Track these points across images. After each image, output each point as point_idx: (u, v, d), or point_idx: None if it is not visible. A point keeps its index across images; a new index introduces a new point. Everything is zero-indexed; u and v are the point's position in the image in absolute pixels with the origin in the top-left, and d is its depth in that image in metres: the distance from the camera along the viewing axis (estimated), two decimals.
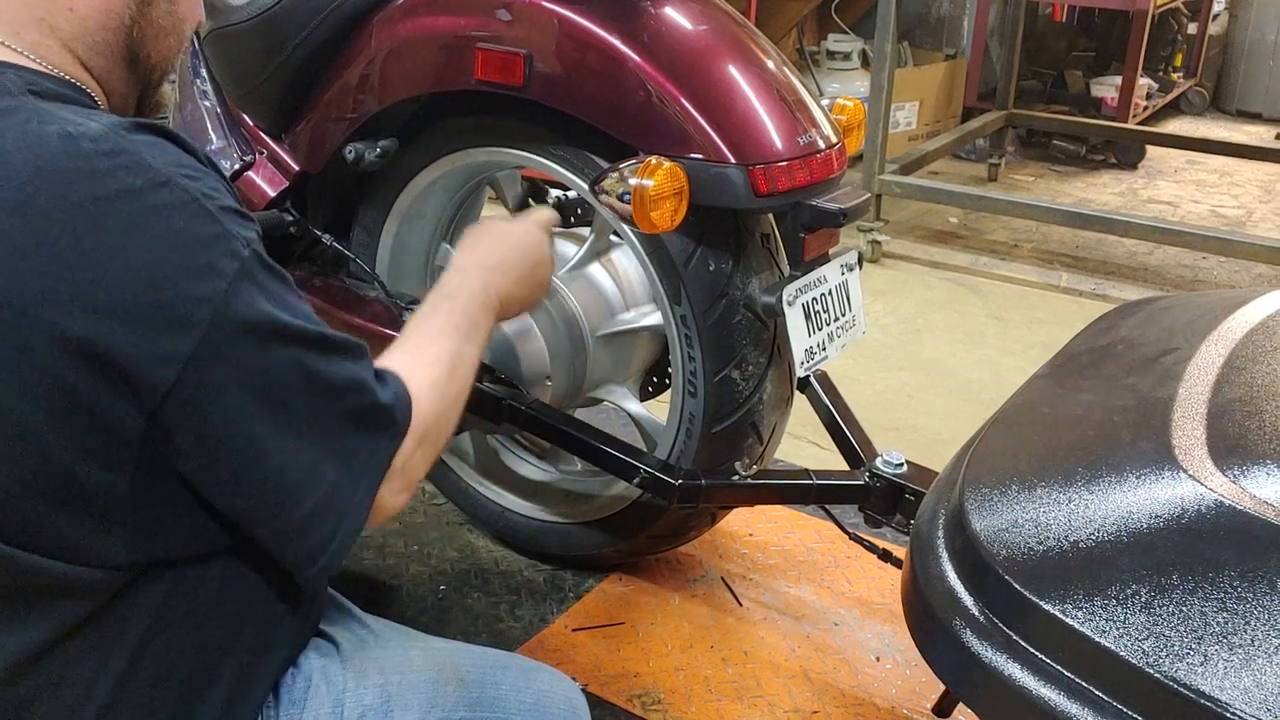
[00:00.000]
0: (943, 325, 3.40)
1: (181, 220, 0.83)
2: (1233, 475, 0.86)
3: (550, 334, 1.79)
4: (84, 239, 0.80)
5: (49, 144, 0.82)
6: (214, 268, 0.83)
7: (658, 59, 1.51)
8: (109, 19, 0.94)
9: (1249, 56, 6.55)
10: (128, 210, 0.81)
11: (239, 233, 0.86)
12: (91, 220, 0.80)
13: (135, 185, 0.82)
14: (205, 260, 0.83)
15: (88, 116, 0.85)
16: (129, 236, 0.81)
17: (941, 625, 0.92)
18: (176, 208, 0.83)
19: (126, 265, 0.80)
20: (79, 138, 0.82)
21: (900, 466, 1.61)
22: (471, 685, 1.11)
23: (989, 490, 0.97)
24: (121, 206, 0.81)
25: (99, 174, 0.81)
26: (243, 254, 0.85)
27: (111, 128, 0.84)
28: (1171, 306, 1.29)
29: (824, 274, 1.65)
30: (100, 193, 0.81)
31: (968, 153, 5.38)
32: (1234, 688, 0.75)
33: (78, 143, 0.82)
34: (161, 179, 0.83)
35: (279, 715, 1.02)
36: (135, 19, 0.95)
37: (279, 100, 1.91)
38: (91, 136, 0.83)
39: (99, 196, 0.81)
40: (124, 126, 0.85)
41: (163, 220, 0.82)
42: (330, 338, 0.93)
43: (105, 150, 0.82)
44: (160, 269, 0.81)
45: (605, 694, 1.75)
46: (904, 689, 1.79)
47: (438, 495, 2.24)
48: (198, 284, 0.82)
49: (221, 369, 0.84)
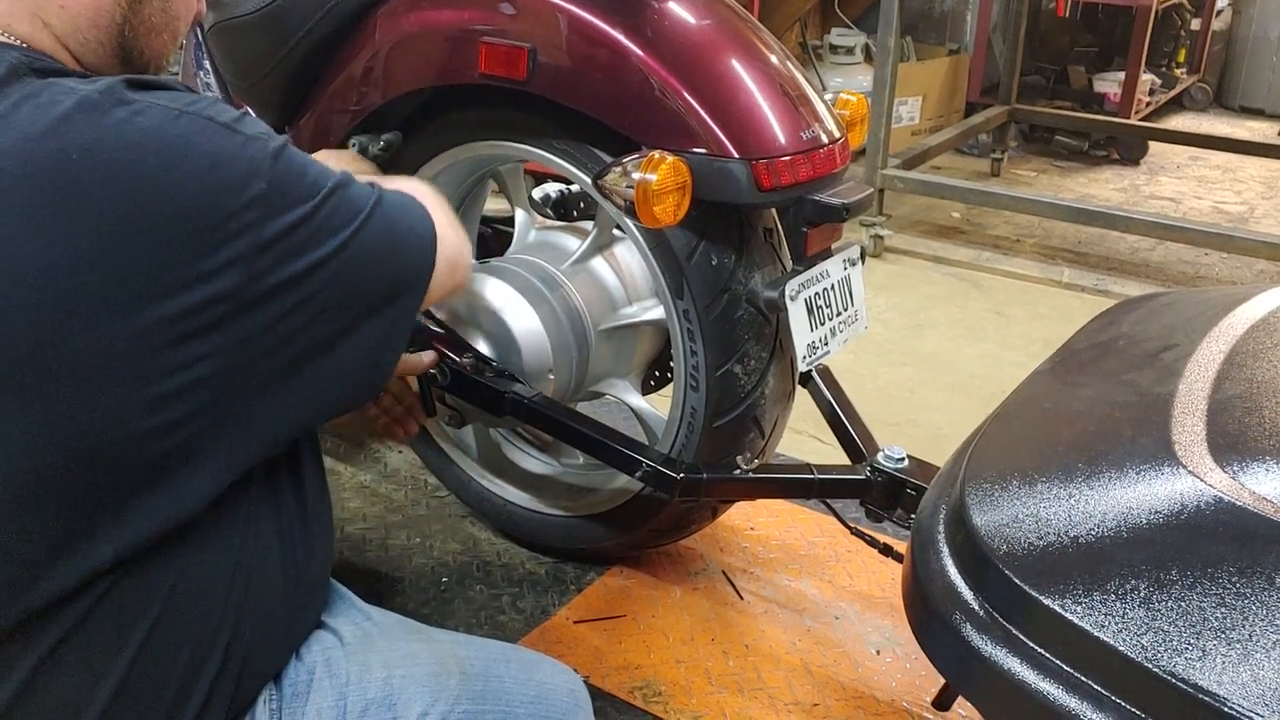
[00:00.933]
0: (945, 320, 3.41)
1: (208, 143, 0.87)
2: (1232, 471, 0.87)
3: (553, 328, 1.80)
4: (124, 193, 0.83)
5: (63, 105, 0.84)
6: (252, 171, 0.88)
7: (661, 53, 1.52)
8: (100, 16, 0.95)
9: (1252, 52, 6.54)
10: (155, 152, 0.85)
11: (255, 132, 0.91)
12: (128, 168, 0.83)
13: (155, 125, 0.85)
14: (241, 168, 0.88)
15: (89, 80, 0.89)
16: (164, 175, 0.85)
17: (942, 619, 0.93)
18: (196, 130, 0.87)
19: (173, 198, 0.84)
20: (87, 93, 0.85)
21: (901, 461, 1.62)
22: (474, 678, 1.12)
23: (990, 485, 0.98)
24: (150, 148, 0.85)
25: (120, 123, 0.85)
26: (270, 146, 0.91)
27: (115, 82, 0.88)
28: (1172, 302, 1.29)
29: (826, 269, 1.65)
30: (128, 140, 0.84)
31: (970, 148, 5.37)
32: (1232, 683, 0.76)
33: (88, 97, 0.85)
34: (174, 113, 0.87)
35: (282, 708, 1.03)
36: (127, 17, 0.97)
37: (283, 93, 1.91)
38: (99, 89, 0.86)
39: (128, 143, 0.84)
40: (127, 80, 0.89)
41: (192, 148, 0.86)
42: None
43: (115, 100, 0.85)
44: (205, 191, 0.85)
45: (606, 686, 1.76)
46: (904, 682, 1.79)
47: (440, 488, 2.24)
48: (239, 193, 0.87)
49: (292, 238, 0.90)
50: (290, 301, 0.91)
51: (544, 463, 2.12)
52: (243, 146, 0.89)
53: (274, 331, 0.91)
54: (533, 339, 1.79)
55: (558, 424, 1.72)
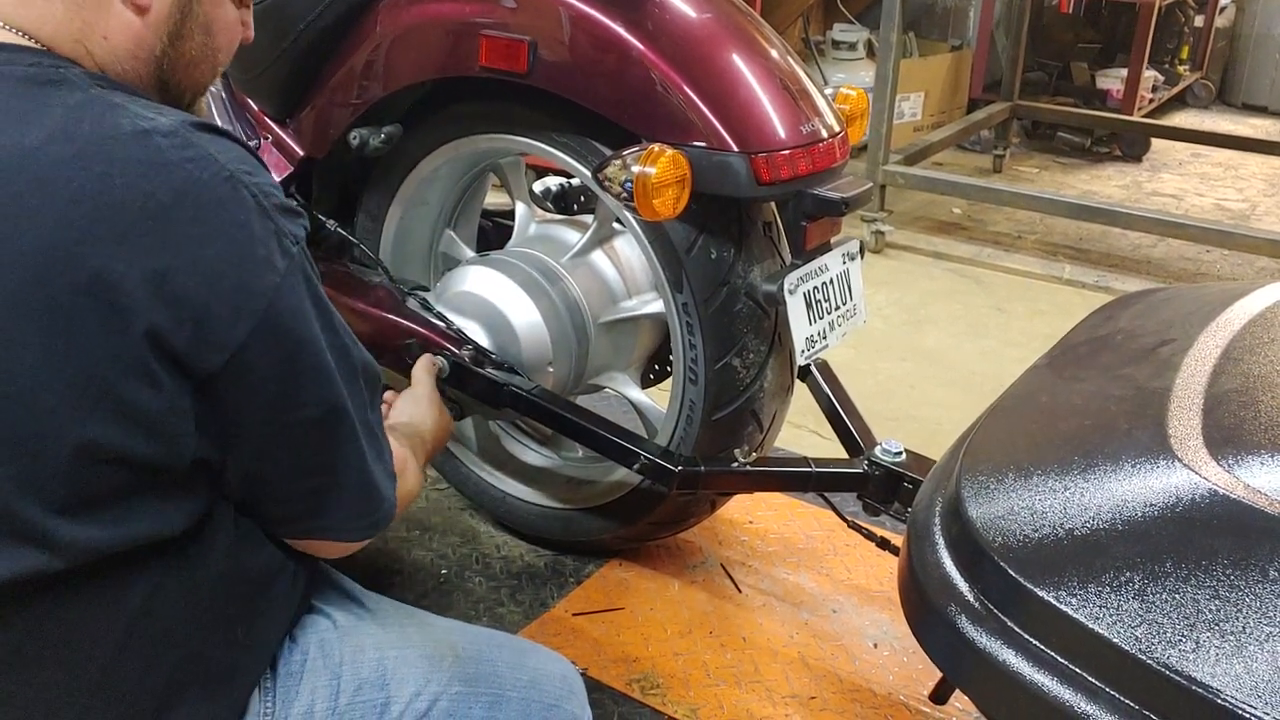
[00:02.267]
0: (945, 316, 3.41)
1: (244, 214, 0.87)
2: (1227, 465, 0.87)
3: (552, 321, 1.80)
4: (155, 229, 0.83)
5: (123, 136, 0.85)
6: (269, 263, 0.88)
7: (661, 47, 1.52)
8: (140, 49, 0.96)
9: (1256, 49, 6.53)
10: (195, 203, 0.85)
11: (289, 229, 0.91)
12: (163, 212, 0.84)
13: (203, 179, 0.86)
14: (263, 254, 0.88)
15: (157, 111, 0.89)
16: (196, 228, 0.85)
17: (937, 612, 0.93)
18: (239, 203, 0.87)
19: (192, 255, 0.84)
20: (151, 132, 0.86)
21: (899, 455, 1.62)
22: (467, 662, 1.13)
23: (986, 478, 0.98)
24: (190, 200, 0.85)
25: (170, 166, 0.85)
26: (292, 250, 0.90)
27: (180, 124, 0.88)
28: (1170, 298, 1.29)
29: (825, 263, 1.65)
30: (171, 185, 0.84)
31: (972, 144, 5.37)
32: (1225, 674, 0.76)
33: (151, 136, 0.85)
34: (225, 174, 0.87)
35: (276, 689, 1.04)
36: (166, 50, 0.97)
37: (284, 85, 1.91)
38: (163, 131, 0.86)
39: (171, 189, 0.84)
40: (191, 123, 0.89)
41: (228, 214, 0.86)
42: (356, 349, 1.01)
43: (176, 144, 0.86)
44: (222, 260, 0.85)
45: (604, 678, 1.76)
46: (901, 675, 1.80)
47: (440, 480, 2.25)
48: (254, 277, 0.87)
49: (267, 358, 0.89)
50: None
51: (543, 455, 2.12)
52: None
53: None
54: (532, 332, 1.79)
55: (556, 417, 1.72)
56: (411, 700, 1.07)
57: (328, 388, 0.95)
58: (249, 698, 1.02)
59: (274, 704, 1.03)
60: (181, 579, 0.95)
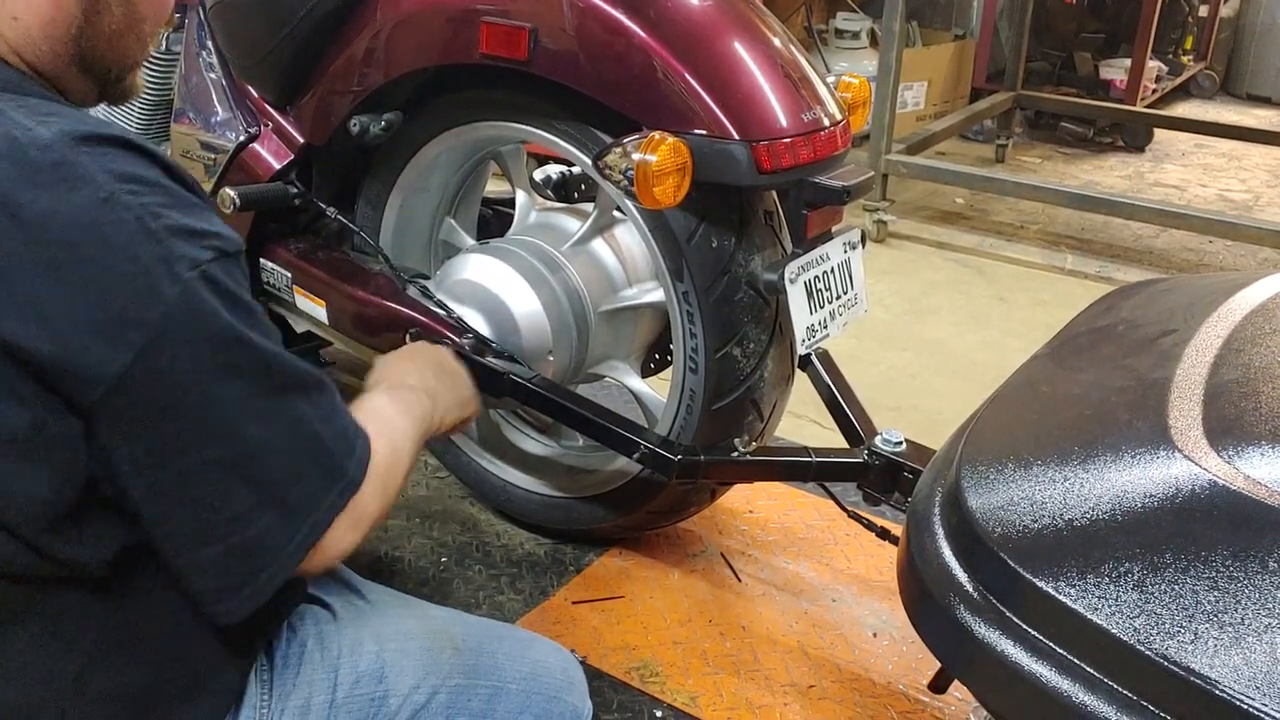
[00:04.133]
0: (947, 306, 3.40)
1: (121, 238, 0.80)
2: (1227, 456, 0.86)
3: (553, 309, 1.80)
4: (21, 251, 0.78)
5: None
6: (152, 290, 0.80)
7: (663, 34, 1.51)
8: (54, 28, 0.90)
9: (1260, 40, 6.52)
10: (65, 226, 0.78)
11: (185, 254, 0.82)
12: (28, 234, 0.78)
13: (75, 200, 0.79)
14: (144, 282, 0.80)
15: (42, 120, 0.82)
16: (66, 251, 0.78)
17: (936, 601, 0.93)
18: (116, 227, 0.80)
19: (62, 281, 0.78)
20: (26, 145, 0.80)
21: (899, 445, 1.61)
22: (467, 653, 1.12)
23: (985, 468, 0.98)
24: (59, 223, 0.78)
25: (40, 186, 0.79)
26: (185, 276, 0.82)
27: (61, 135, 0.81)
28: (1172, 288, 1.29)
29: (826, 251, 1.65)
30: (39, 207, 0.78)
31: (975, 134, 5.36)
32: (1224, 665, 0.76)
33: (25, 150, 0.80)
34: (103, 195, 0.80)
35: (273, 681, 1.03)
36: (82, 27, 0.92)
37: (284, 72, 1.90)
38: (39, 144, 0.80)
39: (38, 210, 0.78)
40: (77, 136, 0.82)
41: (101, 239, 0.79)
42: (287, 371, 0.90)
43: (50, 161, 0.80)
44: (95, 288, 0.79)
45: (604, 666, 1.76)
46: (900, 665, 1.80)
47: (440, 469, 2.25)
48: (133, 306, 0.80)
49: (149, 392, 0.82)
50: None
51: (543, 444, 2.12)
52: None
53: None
54: (532, 320, 1.79)
55: (557, 405, 1.72)
56: (410, 693, 1.07)
57: (221, 428, 0.85)
58: (243, 690, 1.01)
59: (270, 697, 1.02)
60: (151, 589, 0.93)
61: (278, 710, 1.02)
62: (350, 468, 0.95)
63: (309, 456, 0.91)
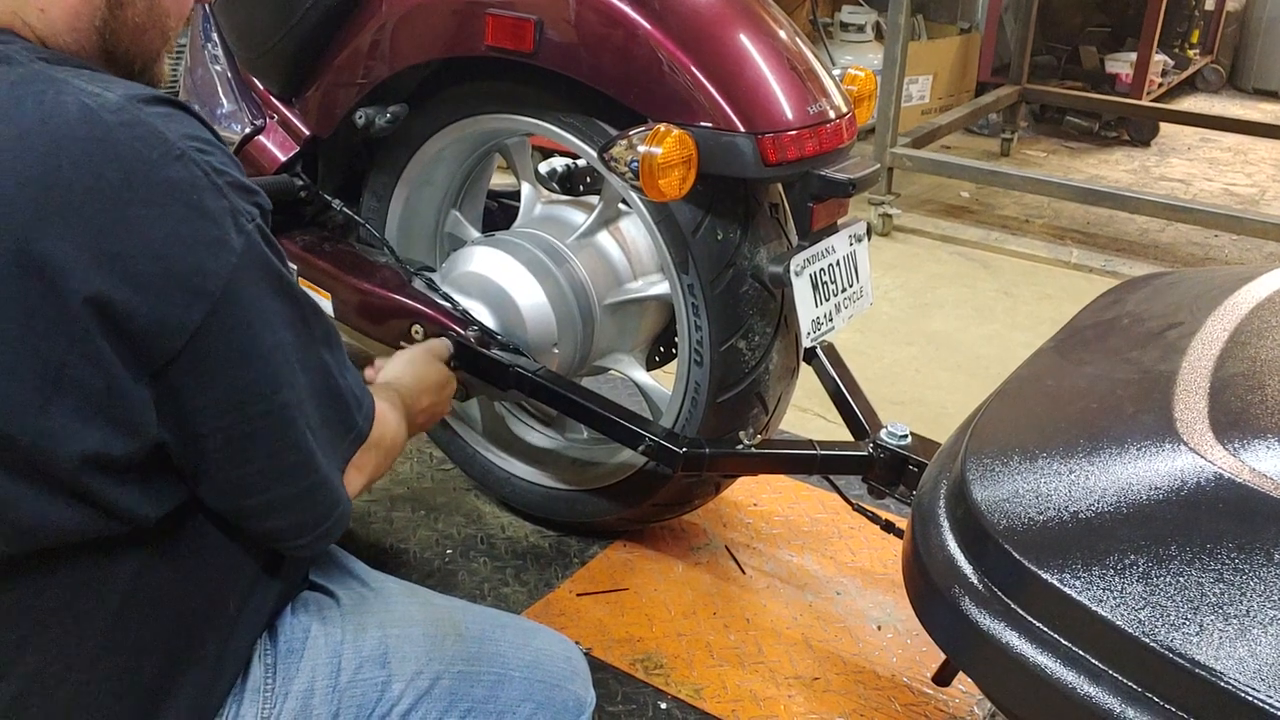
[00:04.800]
0: (952, 300, 3.40)
1: (195, 194, 0.84)
2: (1233, 449, 0.86)
3: (558, 302, 1.80)
4: (104, 210, 0.81)
5: (68, 114, 0.82)
6: (223, 242, 0.85)
7: (668, 26, 1.51)
8: (79, 20, 0.92)
9: (1267, 34, 6.50)
10: (145, 182, 0.82)
11: (244, 207, 0.88)
12: (112, 191, 0.81)
13: (152, 158, 0.83)
14: (216, 234, 0.85)
15: (104, 85, 0.86)
16: (146, 208, 0.82)
17: (941, 594, 0.93)
18: (190, 182, 0.84)
19: (144, 236, 0.82)
20: (98, 109, 0.83)
21: (904, 438, 1.62)
22: (470, 641, 1.12)
23: (991, 461, 0.98)
24: (139, 179, 0.82)
25: (118, 144, 0.82)
26: (248, 228, 0.88)
27: (128, 99, 0.85)
28: (1177, 282, 1.29)
29: (832, 244, 1.65)
30: (119, 164, 0.82)
31: (981, 127, 5.35)
32: (1229, 658, 0.76)
33: (97, 114, 0.82)
34: (176, 152, 0.84)
35: (277, 665, 1.04)
36: (107, 20, 0.94)
37: (290, 65, 1.91)
38: (110, 108, 0.83)
39: (118, 168, 0.82)
40: (140, 98, 0.85)
41: (179, 194, 0.84)
42: (323, 322, 0.98)
43: (123, 121, 0.83)
44: (175, 241, 0.83)
45: (608, 658, 1.77)
46: (904, 658, 1.80)
47: (445, 461, 2.25)
48: (209, 258, 0.84)
49: (225, 339, 0.86)
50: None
51: (548, 437, 2.13)
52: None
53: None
54: (538, 313, 1.79)
55: (562, 398, 1.72)
56: (413, 679, 1.07)
57: (286, 373, 0.92)
58: (248, 669, 1.02)
59: (275, 681, 1.03)
60: (169, 559, 0.94)
61: (282, 694, 1.03)
62: (360, 420, 1.03)
63: (331, 405, 0.99)
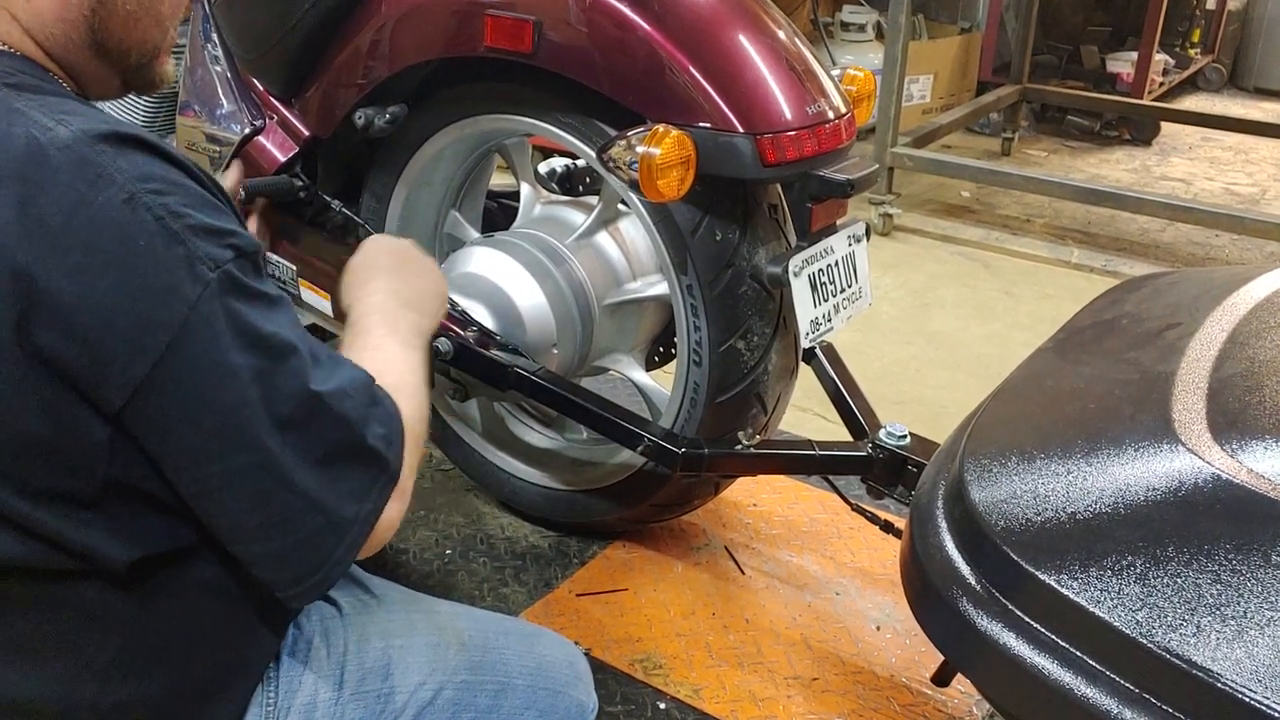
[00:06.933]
0: (953, 299, 3.40)
1: (143, 240, 0.79)
2: (1231, 450, 0.86)
3: (557, 302, 1.80)
4: (42, 257, 0.77)
5: (14, 150, 0.79)
6: (174, 290, 0.80)
7: (667, 27, 1.51)
8: (66, 11, 0.90)
9: (1268, 33, 6.49)
10: (87, 228, 0.78)
11: (207, 253, 0.82)
12: (51, 237, 0.77)
13: (96, 201, 0.79)
14: (166, 283, 0.80)
15: (60, 118, 0.82)
16: (87, 256, 0.78)
17: (939, 595, 0.93)
18: (138, 227, 0.79)
19: (84, 286, 0.78)
20: (46, 145, 0.79)
21: (903, 438, 1.62)
22: (473, 649, 1.12)
23: (989, 462, 0.98)
24: (79, 223, 0.78)
25: (60, 185, 0.78)
26: (208, 276, 0.81)
27: (81, 135, 0.80)
28: (1177, 282, 1.28)
29: (831, 245, 1.65)
30: (60, 208, 0.78)
31: (981, 127, 5.35)
32: (1226, 659, 0.76)
33: (44, 150, 0.79)
34: (124, 196, 0.79)
35: (279, 678, 1.03)
36: (95, 9, 0.91)
37: (289, 65, 1.90)
38: (59, 144, 0.80)
39: (60, 211, 0.78)
40: (96, 134, 0.81)
41: (124, 240, 0.79)
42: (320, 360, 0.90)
43: (70, 160, 0.79)
44: (118, 291, 0.78)
45: (607, 658, 1.77)
46: (903, 658, 1.80)
47: (445, 461, 2.25)
48: (157, 308, 0.79)
49: (174, 395, 0.81)
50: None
51: (548, 437, 2.13)
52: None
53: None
54: (537, 313, 1.79)
55: (561, 398, 1.72)
56: (416, 689, 1.07)
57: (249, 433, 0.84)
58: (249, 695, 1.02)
59: (277, 694, 1.02)
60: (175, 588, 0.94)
61: (284, 707, 1.02)
62: (391, 459, 0.93)
63: (348, 454, 0.90)
